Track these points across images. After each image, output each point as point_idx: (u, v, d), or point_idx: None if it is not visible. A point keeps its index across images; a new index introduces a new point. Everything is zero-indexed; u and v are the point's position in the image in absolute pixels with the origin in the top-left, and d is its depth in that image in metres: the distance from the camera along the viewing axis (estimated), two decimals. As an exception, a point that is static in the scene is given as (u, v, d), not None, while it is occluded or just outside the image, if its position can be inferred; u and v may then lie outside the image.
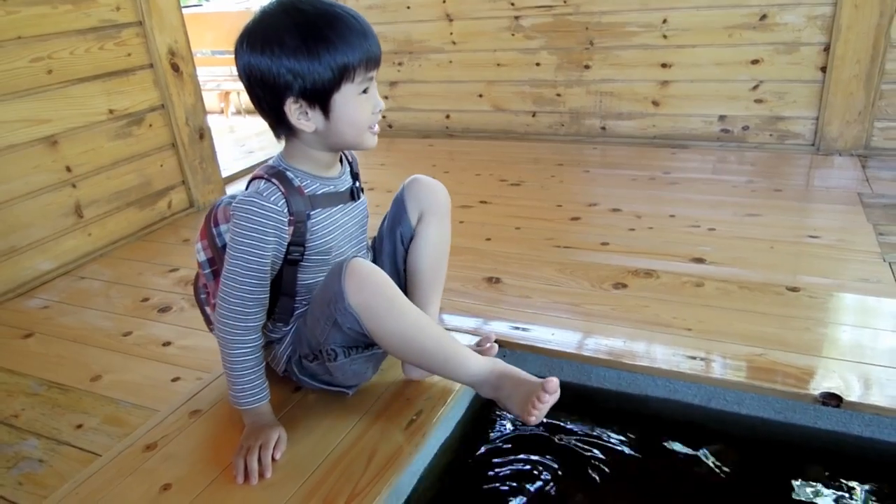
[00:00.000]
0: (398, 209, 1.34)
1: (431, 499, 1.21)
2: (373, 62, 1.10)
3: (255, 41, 1.08)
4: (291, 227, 1.15)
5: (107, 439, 1.31)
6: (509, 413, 1.16)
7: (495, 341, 1.41)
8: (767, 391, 1.30)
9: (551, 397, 1.08)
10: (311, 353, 1.21)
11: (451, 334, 1.19)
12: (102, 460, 1.23)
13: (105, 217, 2.31)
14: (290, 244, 1.16)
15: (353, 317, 1.09)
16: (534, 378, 1.12)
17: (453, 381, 1.30)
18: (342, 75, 1.07)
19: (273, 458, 1.15)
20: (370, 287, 1.09)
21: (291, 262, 1.18)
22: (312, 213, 1.17)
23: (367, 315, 1.09)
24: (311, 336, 1.19)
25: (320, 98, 1.09)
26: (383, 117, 3.60)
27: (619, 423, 1.39)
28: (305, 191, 1.17)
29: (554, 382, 1.08)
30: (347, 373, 1.23)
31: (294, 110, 1.10)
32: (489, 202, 2.47)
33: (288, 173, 1.16)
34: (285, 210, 1.13)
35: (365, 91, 1.12)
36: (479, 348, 1.35)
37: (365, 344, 1.17)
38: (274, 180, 1.14)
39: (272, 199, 1.12)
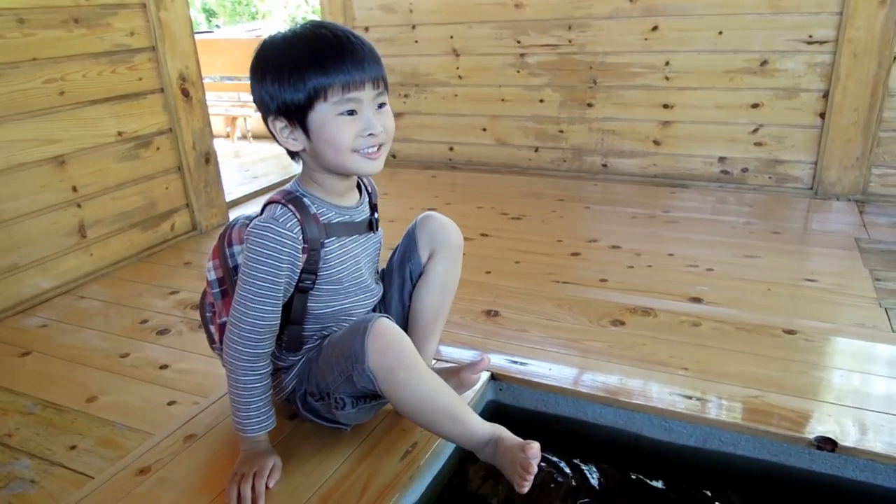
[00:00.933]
0: (409, 244, 1.34)
1: (424, 532, 1.20)
2: (352, 84, 1.07)
3: (253, 64, 1.14)
4: (305, 255, 1.15)
5: (100, 462, 1.31)
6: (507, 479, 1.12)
7: (492, 376, 1.41)
8: (763, 433, 1.30)
9: (536, 462, 1.06)
10: (318, 394, 1.21)
11: (459, 398, 1.17)
12: (95, 483, 1.23)
13: (108, 237, 2.32)
14: (301, 271, 1.17)
15: (369, 378, 1.09)
16: (518, 441, 1.10)
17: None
18: (313, 95, 1.07)
19: (266, 487, 1.15)
20: (392, 353, 1.09)
21: (302, 289, 1.19)
22: (326, 241, 1.18)
23: (385, 379, 1.09)
24: (321, 379, 1.19)
25: (297, 116, 1.10)
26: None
27: (613, 461, 1.39)
28: (321, 219, 1.18)
29: (534, 448, 1.05)
30: (351, 417, 1.23)
31: (280, 129, 1.13)
32: (490, 235, 2.49)
33: (305, 199, 1.17)
34: (300, 237, 1.13)
35: (350, 113, 1.09)
36: (472, 361, 1.35)
37: (374, 395, 1.17)
38: (290, 206, 1.14)
39: (288, 225, 1.12)
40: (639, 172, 3.14)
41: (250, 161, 4.17)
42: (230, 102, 4.80)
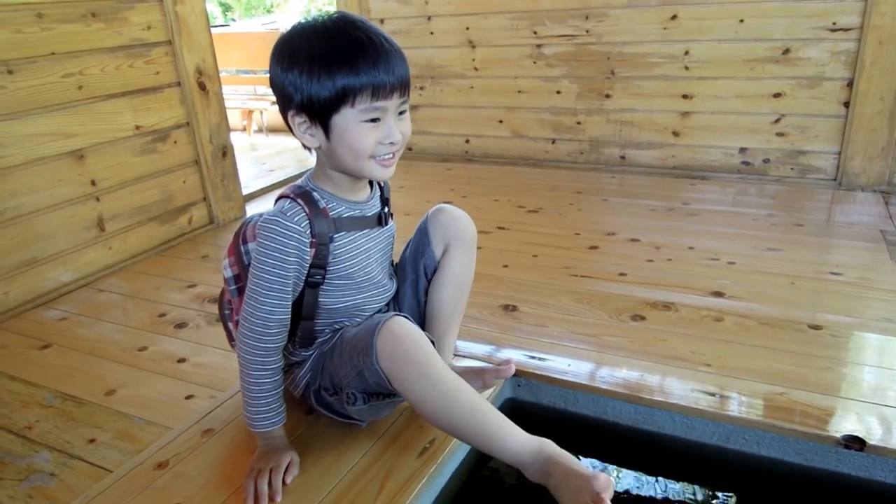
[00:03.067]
0: (421, 238, 1.33)
1: (442, 529, 1.19)
2: (381, 92, 1.06)
3: (278, 50, 1.11)
4: (313, 249, 1.15)
5: (119, 455, 1.31)
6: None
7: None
8: (788, 432, 1.27)
9: (609, 497, 0.97)
10: (331, 388, 1.21)
11: (491, 406, 1.10)
12: (113, 477, 1.23)
13: (126, 231, 2.33)
14: (311, 266, 1.16)
15: (379, 374, 1.08)
16: (584, 469, 1.02)
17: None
18: (340, 98, 1.06)
19: (284, 482, 1.15)
20: (402, 349, 1.06)
21: (312, 284, 1.18)
22: (336, 236, 1.17)
23: (396, 377, 1.07)
24: (334, 373, 1.18)
25: (320, 116, 1.09)
26: (403, 140, 3.64)
27: (634, 459, 1.37)
28: (331, 213, 1.17)
29: (602, 481, 0.97)
30: (364, 413, 1.22)
31: (298, 123, 1.12)
32: (507, 228, 2.47)
33: (314, 194, 1.17)
34: (308, 231, 1.13)
35: (373, 120, 1.09)
36: (496, 367, 1.33)
37: (387, 393, 1.15)
38: (299, 200, 1.14)
39: (296, 219, 1.12)
40: (657, 164, 3.10)
41: (266, 154, 4.18)
42: (246, 96, 4.81)
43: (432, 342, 1.12)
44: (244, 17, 10.95)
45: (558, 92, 3.22)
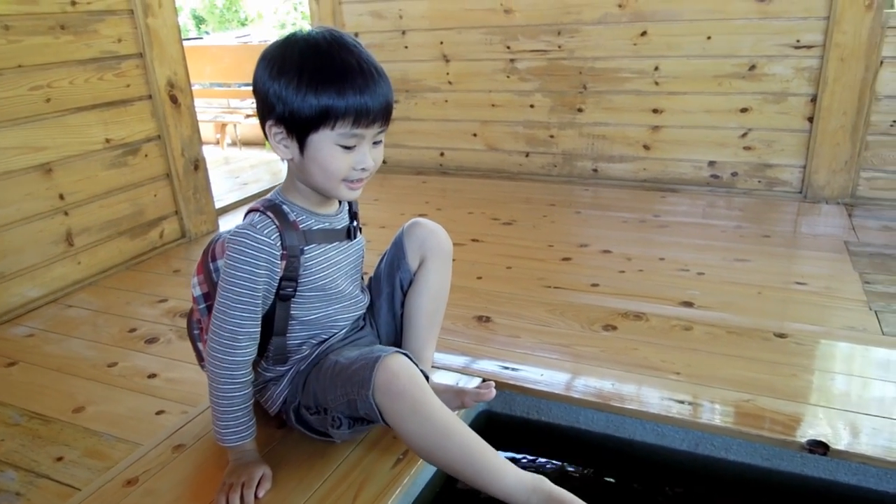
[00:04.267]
0: (397, 252, 1.33)
1: (416, 541, 1.19)
2: (363, 120, 1.07)
3: (268, 57, 1.11)
4: (284, 262, 1.15)
5: (87, 473, 1.29)
6: None
7: (484, 379, 1.40)
8: (755, 438, 1.30)
9: None
10: (314, 408, 1.20)
11: (484, 443, 1.08)
12: (81, 495, 1.21)
13: (96, 245, 2.30)
14: (282, 279, 1.16)
15: (372, 408, 1.07)
16: (572, 497, 1.02)
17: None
18: (322, 118, 1.06)
19: (256, 496, 1.14)
20: (398, 388, 1.05)
21: (284, 297, 1.18)
22: (306, 248, 1.17)
23: (389, 412, 1.07)
24: (320, 394, 1.18)
25: (298, 131, 1.09)
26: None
27: (606, 467, 1.38)
28: (301, 226, 1.17)
29: None
30: (344, 436, 1.21)
31: (275, 133, 1.12)
32: (481, 240, 2.48)
33: (284, 207, 1.17)
34: (278, 244, 1.13)
35: (348, 147, 1.09)
36: (478, 389, 1.33)
37: (371, 420, 1.14)
38: (269, 213, 1.15)
39: (265, 232, 1.12)
40: (629, 177, 3.15)
41: (240, 168, 4.16)
42: (220, 109, 4.78)
43: (426, 377, 1.12)
44: (218, 29, 10.90)
45: (532, 106, 3.26)
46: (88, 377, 1.67)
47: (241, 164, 4.26)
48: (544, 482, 1.06)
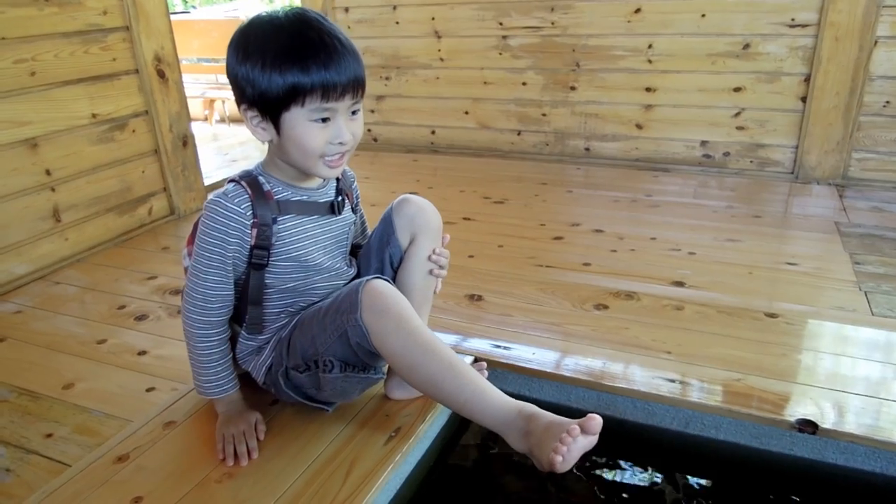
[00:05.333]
0: (386, 229, 1.32)
1: (408, 517, 1.20)
2: (332, 94, 1.07)
3: (234, 42, 1.12)
4: (255, 230, 1.16)
5: (77, 449, 1.28)
6: (539, 465, 1.01)
7: (476, 359, 1.40)
8: (744, 416, 1.31)
9: (585, 438, 0.97)
10: (303, 364, 1.19)
11: (469, 366, 1.11)
12: (72, 471, 1.20)
13: (83, 222, 2.27)
14: (254, 247, 1.18)
15: (362, 331, 1.09)
16: (568, 420, 1.00)
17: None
18: (290, 97, 1.07)
19: (258, 440, 1.22)
20: (382, 305, 1.09)
21: (257, 266, 1.19)
22: (280, 218, 1.18)
23: (375, 331, 1.09)
24: (308, 345, 1.18)
25: (271, 112, 1.10)
26: (368, 130, 3.62)
27: (596, 445, 1.39)
28: (275, 196, 1.18)
29: (595, 421, 0.97)
30: (336, 388, 1.21)
31: (250, 117, 1.13)
32: (472, 219, 2.47)
33: (260, 178, 1.19)
34: (249, 213, 1.16)
35: (323, 120, 1.10)
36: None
37: (363, 366, 1.17)
38: (243, 183, 1.17)
39: (236, 201, 1.15)
40: (621, 156, 3.14)
41: (228, 144, 4.11)
42: (207, 85, 4.72)
43: None
44: (205, 4, 10.71)
45: (524, 84, 3.23)
46: (78, 354, 1.65)
47: (230, 140, 4.22)
48: (527, 405, 1.06)
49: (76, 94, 2.20)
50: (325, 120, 1.10)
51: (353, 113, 1.14)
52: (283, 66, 1.05)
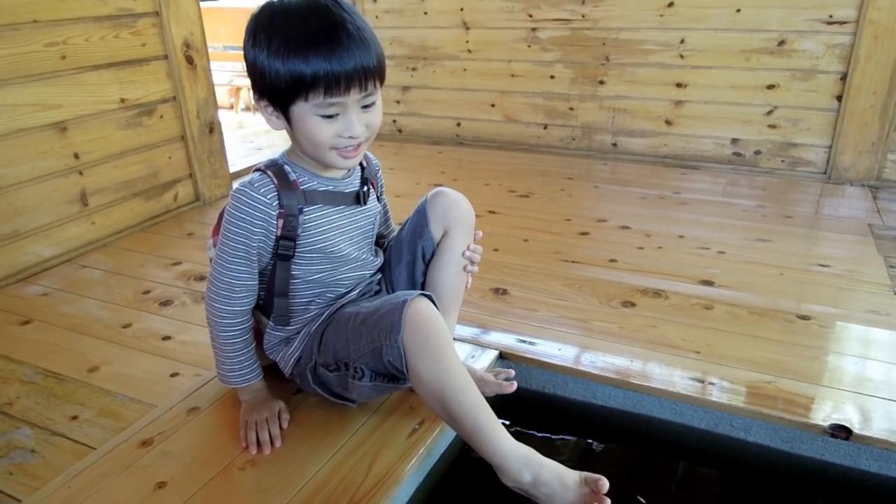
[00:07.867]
0: (420, 220, 1.30)
1: (430, 511, 1.19)
2: (335, 88, 1.02)
3: (248, 27, 1.09)
4: (282, 221, 1.15)
5: (102, 433, 1.29)
6: None
7: (500, 354, 1.38)
8: (775, 419, 1.28)
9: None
10: (333, 364, 1.18)
11: (489, 407, 1.07)
12: (96, 454, 1.21)
13: (110, 206, 2.29)
14: (280, 238, 1.16)
15: (399, 352, 1.05)
16: (569, 470, 1.02)
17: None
18: (293, 90, 1.03)
19: (281, 427, 1.22)
20: (427, 330, 1.05)
21: (283, 257, 1.18)
22: (306, 209, 1.16)
23: (413, 356, 1.05)
24: (341, 347, 1.16)
25: (279, 103, 1.08)
26: (393, 121, 3.61)
27: (622, 444, 1.37)
28: (301, 186, 1.16)
29: (604, 484, 0.97)
30: (364, 393, 1.20)
31: (263, 106, 1.11)
32: (497, 212, 2.45)
33: (286, 167, 1.17)
34: (275, 203, 1.14)
35: (329, 116, 1.06)
36: (500, 382, 1.30)
37: (393, 377, 1.13)
38: (269, 172, 1.15)
39: (262, 190, 1.13)
40: (649, 153, 3.09)
41: (254, 133, 4.12)
42: (234, 72, 4.73)
43: None
44: (233, -8, 10.73)
45: (552, 77, 3.19)
46: (103, 338, 1.66)
47: (256, 129, 4.23)
48: (537, 455, 1.05)
49: (106, 78, 2.21)
50: (332, 115, 1.06)
51: (366, 107, 1.09)
52: (285, 56, 1.01)
